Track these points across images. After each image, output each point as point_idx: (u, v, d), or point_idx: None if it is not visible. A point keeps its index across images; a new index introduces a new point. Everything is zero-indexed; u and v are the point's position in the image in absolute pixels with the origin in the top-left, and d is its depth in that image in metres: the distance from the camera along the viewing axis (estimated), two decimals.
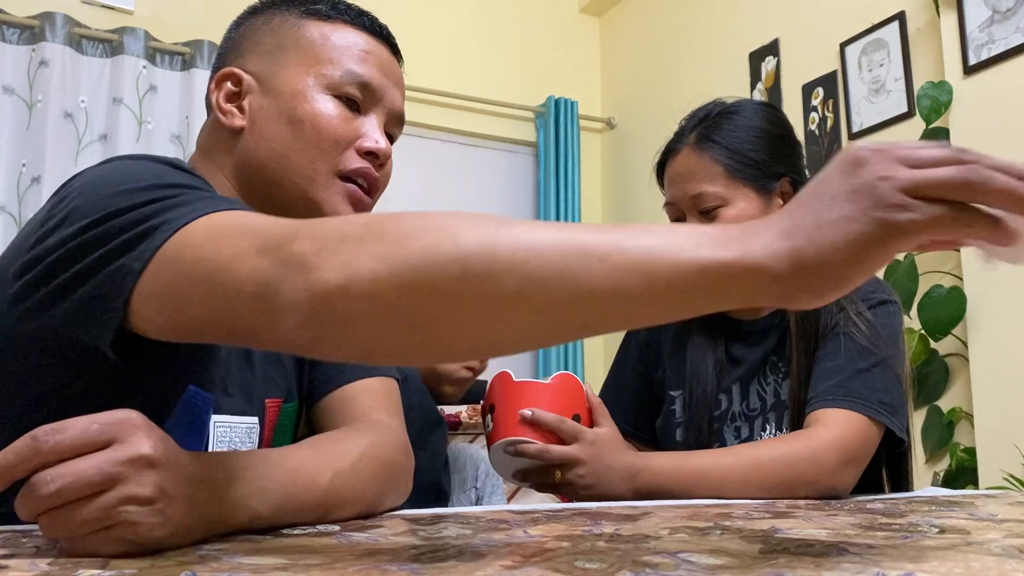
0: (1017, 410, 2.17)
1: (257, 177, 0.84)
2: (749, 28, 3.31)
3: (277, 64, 0.86)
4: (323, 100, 0.84)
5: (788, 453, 1.01)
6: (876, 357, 1.09)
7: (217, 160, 0.86)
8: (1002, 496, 0.99)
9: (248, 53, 0.88)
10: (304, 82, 0.84)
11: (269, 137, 0.83)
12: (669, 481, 1.02)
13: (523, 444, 1.03)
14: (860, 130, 2.81)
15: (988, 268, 2.26)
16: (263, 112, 0.84)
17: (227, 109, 0.86)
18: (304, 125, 0.83)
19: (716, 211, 1.16)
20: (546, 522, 0.69)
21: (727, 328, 1.24)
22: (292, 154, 0.83)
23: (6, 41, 2.99)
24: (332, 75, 0.85)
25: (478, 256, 0.48)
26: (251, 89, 0.86)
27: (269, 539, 0.58)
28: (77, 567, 0.46)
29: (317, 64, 0.85)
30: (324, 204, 0.84)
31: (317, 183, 0.84)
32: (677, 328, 1.29)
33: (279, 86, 0.84)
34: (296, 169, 0.83)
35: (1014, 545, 0.54)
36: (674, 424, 1.24)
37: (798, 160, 1.24)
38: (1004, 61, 2.31)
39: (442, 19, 3.87)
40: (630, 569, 0.46)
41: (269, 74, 0.85)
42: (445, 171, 3.77)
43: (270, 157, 0.83)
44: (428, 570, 0.46)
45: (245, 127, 0.85)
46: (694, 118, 1.23)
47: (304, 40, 0.86)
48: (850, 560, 0.49)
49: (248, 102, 0.85)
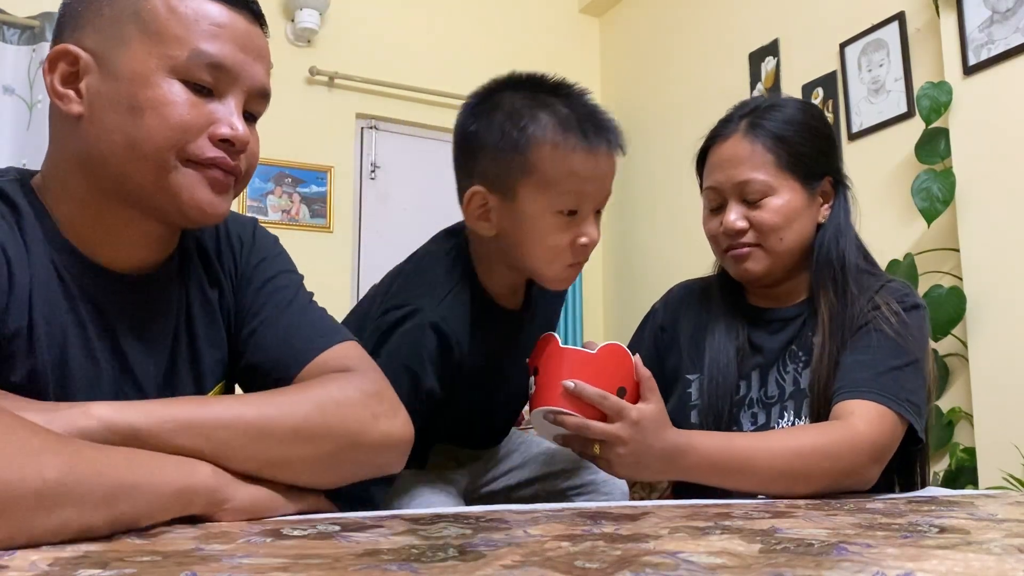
0: (1017, 410, 2.17)
1: (101, 168, 0.77)
2: (749, 28, 3.31)
3: (116, 40, 0.75)
4: (168, 85, 0.75)
5: (828, 443, 1.01)
6: (908, 357, 1.10)
7: (62, 151, 0.78)
8: (1002, 496, 0.99)
9: (86, 27, 0.76)
10: (146, 64, 0.75)
11: (109, 127, 0.75)
12: (713, 464, 1.00)
13: (563, 416, 0.99)
14: (860, 130, 2.81)
15: (986, 269, 2.26)
16: (101, 98, 0.75)
17: (62, 93, 0.76)
18: (146, 114, 0.74)
19: (761, 200, 1.16)
20: (546, 522, 0.69)
21: (749, 315, 1.25)
22: (135, 145, 0.75)
23: (6, 41, 2.99)
24: (178, 56, 0.75)
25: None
26: (89, 70, 0.75)
27: (269, 539, 0.58)
28: (77, 567, 0.46)
29: (161, 43, 0.75)
30: (182, 192, 0.77)
31: (167, 174, 0.76)
32: (698, 315, 1.29)
33: (118, 68, 0.75)
34: (141, 161, 0.75)
35: (1014, 545, 0.54)
36: (688, 407, 1.24)
37: (839, 161, 1.25)
38: (1004, 61, 2.31)
39: (442, 19, 3.87)
40: (630, 569, 0.46)
41: (108, 53, 0.75)
42: (445, 171, 3.76)
43: (112, 149, 0.75)
44: (428, 570, 0.46)
45: (83, 114, 0.75)
46: (743, 108, 1.23)
47: (146, 13, 0.76)
48: (850, 560, 0.49)
49: (85, 85, 0.75)
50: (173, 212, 0.79)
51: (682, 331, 1.30)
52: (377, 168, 3.72)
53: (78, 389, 0.76)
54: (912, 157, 2.53)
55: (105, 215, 0.80)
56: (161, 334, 0.84)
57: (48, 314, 0.75)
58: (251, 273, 0.92)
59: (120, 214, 0.80)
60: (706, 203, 1.24)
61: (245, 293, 0.91)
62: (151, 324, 0.83)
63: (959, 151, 2.40)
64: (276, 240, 0.98)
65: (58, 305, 0.76)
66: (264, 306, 0.90)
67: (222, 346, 0.90)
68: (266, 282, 0.92)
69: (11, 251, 0.73)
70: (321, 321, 0.90)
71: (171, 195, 0.77)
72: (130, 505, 0.59)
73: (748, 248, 1.18)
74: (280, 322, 0.89)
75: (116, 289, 0.81)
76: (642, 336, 1.37)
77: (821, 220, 1.21)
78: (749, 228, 1.17)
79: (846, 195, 1.22)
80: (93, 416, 0.65)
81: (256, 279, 0.92)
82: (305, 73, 3.55)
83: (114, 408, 0.66)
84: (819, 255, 1.19)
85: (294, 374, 0.84)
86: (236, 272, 0.91)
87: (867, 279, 1.19)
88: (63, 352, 0.76)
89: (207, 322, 0.88)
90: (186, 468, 0.66)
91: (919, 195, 2.41)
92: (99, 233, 0.80)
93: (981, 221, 2.33)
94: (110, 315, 0.80)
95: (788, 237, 1.16)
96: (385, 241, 3.69)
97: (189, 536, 0.60)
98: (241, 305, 0.91)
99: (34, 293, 0.74)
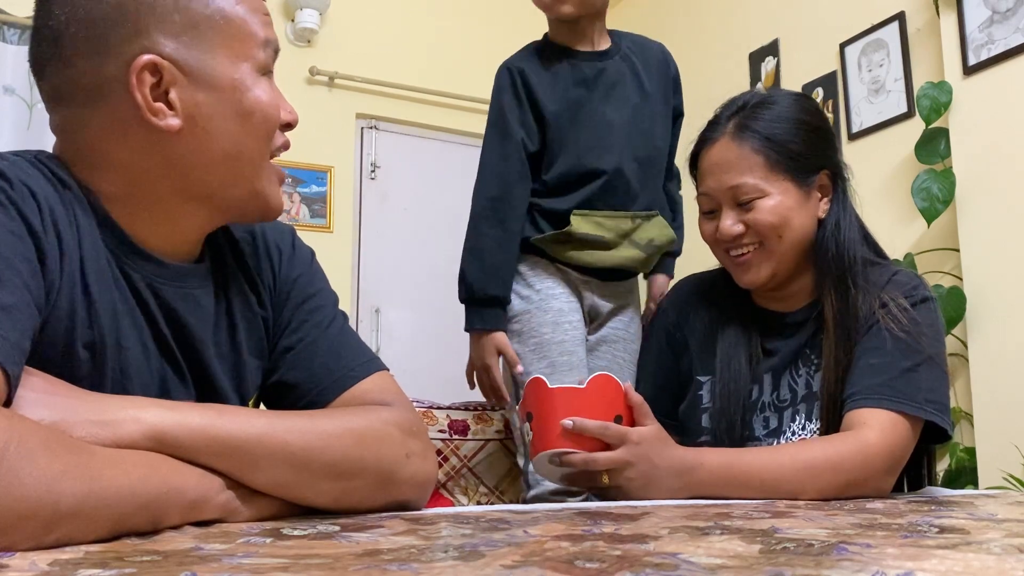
0: (1017, 410, 2.17)
1: (202, 177, 0.76)
2: (749, 28, 3.31)
3: (200, 49, 0.74)
4: (261, 85, 0.77)
5: (840, 457, 1.00)
6: (921, 355, 1.08)
7: (140, 163, 0.75)
8: (1002, 496, 0.99)
9: (153, 31, 0.72)
10: (240, 70, 0.76)
11: (216, 136, 0.75)
12: (723, 478, 1.00)
13: (567, 456, 1.00)
14: (860, 130, 2.81)
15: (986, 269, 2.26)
16: (204, 109, 0.74)
17: (157, 108, 0.73)
18: (255, 117, 0.76)
19: (754, 202, 1.15)
20: (546, 522, 0.69)
21: (761, 319, 1.24)
22: (245, 149, 0.77)
23: (6, 41, 2.99)
24: (258, 54, 0.77)
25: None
26: (175, 80, 0.73)
27: (269, 539, 0.58)
28: (77, 567, 0.46)
29: (242, 45, 0.76)
30: (271, 198, 0.80)
31: (261, 173, 0.79)
32: (709, 316, 1.28)
33: (214, 76, 0.75)
34: (247, 163, 0.77)
35: (1014, 545, 0.54)
36: (700, 410, 1.23)
37: (836, 153, 1.23)
38: (1004, 61, 2.31)
39: (443, 19, 3.87)
40: (630, 569, 0.46)
41: (193, 61, 0.74)
42: (445, 171, 3.77)
43: (223, 157, 0.76)
44: (428, 570, 0.46)
45: (183, 127, 0.74)
46: (730, 107, 1.21)
47: (220, 16, 0.75)
48: (850, 560, 0.49)
49: (177, 96, 0.73)
50: (256, 210, 0.81)
51: (692, 331, 1.29)
52: (377, 168, 3.72)
53: (134, 372, 0.75)
54: (912, 157, 2.53)
55: (173, 213, 0.78)
56: (203, 328, 0.82)
57: (100, 291, 0.72)
58: (290, 287, 0.90)
59: (190, 212, 0.79)
60: (700, 208, 1.23)
61: (284, 307, 0.89)
62: (194, 317, 0.80)
63: (959, 151, 2.40)
64: (313, 253, 0.96)
65: (108, 284, 0.73)
66: (304, 324, 0.89)
67: (262, 355, 0.88)
68: (306, 299, 0.90)
69: (61, 224, 0.70)
70: (359, 348, 0.91)
71: (263, 197, 0.80)
72: (140, 520, 0.60)
73: (749, 251, 1.17)
74: (320, 344, 0.88)
75: (164, 275, 0.78)
76: (653, 337, 1.36)
77: (821, 215, 1.19)
78: (746, 231, 1.16)
79: (845, 188, 1.21)
80: (144, 424, 0.64)
81: (296, 294, 0.90)
82: (305, 73, 3.55)
83: (165, 418, 0.66)
84: (820, 252, 1.17)
85: (330, 399, 0.85)
86: (275, 283, 0.89)
87: (874, 272, 1.17)
88: (118, 332, 0.74)
89: (248, 328, 0.86)
90: (203, 483, 0.66)
91: (919, 195, 2.41)
92: (151, 224, 0.77)
93: (981, 221, 2.33)
94: (157, 301, 0.77)
95: (787, 235, 1.15)
96: (385, 241, 3.69)
97: (189, 536, 0.60)
98: (279, 318, 0.89)
99: (86, 267, 0.71)
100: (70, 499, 0.55)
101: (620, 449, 0.99)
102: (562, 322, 1.53)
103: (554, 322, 1.52)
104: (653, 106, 1.60)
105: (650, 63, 1.68)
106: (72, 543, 0.55)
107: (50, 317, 0.68)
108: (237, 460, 0.68)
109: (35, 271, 0.66)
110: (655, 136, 1.59)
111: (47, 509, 0.53)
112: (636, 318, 1.63)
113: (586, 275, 1.55)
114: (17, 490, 0.52)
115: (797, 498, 0.98)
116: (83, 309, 0.70)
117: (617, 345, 1.59)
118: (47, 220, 0.68)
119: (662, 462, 1.00)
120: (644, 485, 0.99)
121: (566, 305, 1.53)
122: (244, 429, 0.69)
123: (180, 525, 0.64)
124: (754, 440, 1.18)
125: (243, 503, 0.69)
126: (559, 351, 1.52)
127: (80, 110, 0.74)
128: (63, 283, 0.69)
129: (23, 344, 0.62)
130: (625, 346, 1.58)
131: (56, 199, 0.70)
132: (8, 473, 0.52)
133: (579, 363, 1.46)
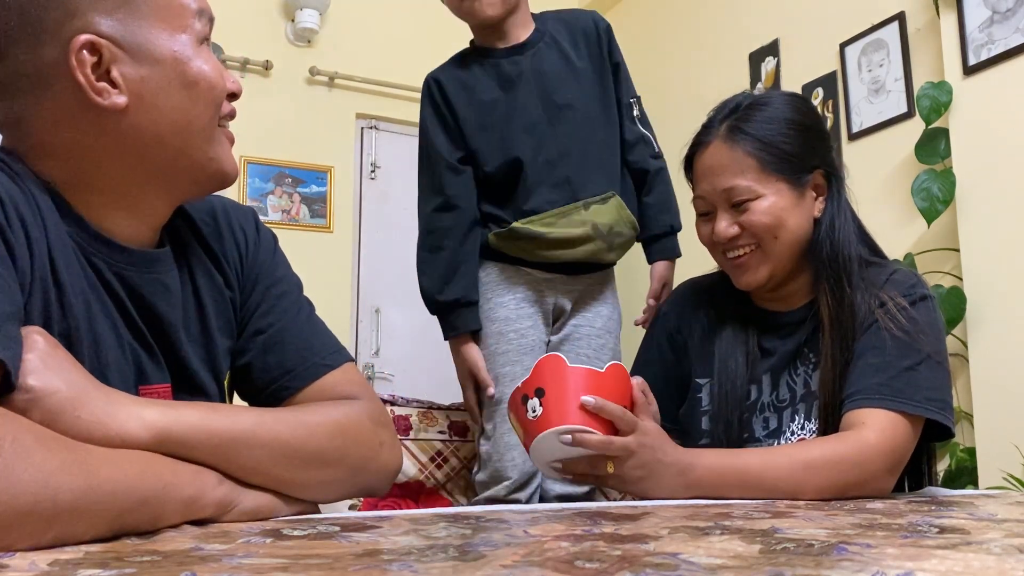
0: (1017, 410, 2.17)
1: (156, 151, 0.77)
2: (749, 28, 3.31)
3: (136, 25, 0.74)
4: (202, 55, 0.78)
5: (838, 457, 1.00)
6: (920, 354, 1.08)
7: (93, 144, 0.75)
8: (1002, 496, 0.99)
9: (87, 11, 0.73)
10: (179, 41, 0.76)
11: (164, 109, 0.76)
12: (722, 477, 1.00)
13: (581, 436, 0.97)
14: (860, 130, 2.81)
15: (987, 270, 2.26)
16: (149, 84, 0.75)
17: (100, 87, 0.73)
18: (200, 86, 0.77)
19: (748, 204, 1.15)
20: (546, 522, 0.69)
21: (759, 319, 1.24)
22: (194, 119, 0.78)
23: None
24: (195, 27, 0.78)
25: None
26: (115, 58, 0.73)
27: (269, 539, 0.58)
28: (77, 567, 0.46)
29: (178, 17, 0.77)
30: (224, 162, 0.82)
31: (213, 139, 0.80)
32: (707, 318, 1.28)
33: (153, 51, 0.75)
34: (198, 132, 0.78)
35: (1014, 545, 0.54)
36: (700, 412, 1.23)
37: (830, 152, 1.22)
38: (1004, 61, 2.31)
39: (443, 20, 3.87)
40: (630, 569, 0.46)
41: (131, 37, 0.74)
42: None
43: (171, 130, 0.77)
44: (428, 570, 0.46)
45: (130, 104, 0.74)
46: (723, 109, 1.21)
47: None
48: (850, 560, 0.49)
49: (120, 74, 0.73)
50: (212, 178, 0.81)
51: (691, 335, 1.29)
52: (377, 168, 3.72)
53: (111, 360, 0.75)
54: (912, 157, 2.53)
55: (131, 196, 0.78)
56: (173, 313, 0.82)
57: (71, 282, 0.72)
58: (259, 270, 0.91)
59: (149, 194, 0.79)
60: (696, 211, 1.23)
61: (253, 290, 0.90)
62: (163, 302, 0.81)
63: (959, 151, 2.40)
64: (275, 236, 0.98)
65: (77, 274, 0.74)
66: (274, 308, 0.90)
67: (232, 336, 0.89)
68: (274, 283, 0.92)
69: (27, 218, 0.70)
70: (328, 337, 0.93)
71: (217, 161, 0.81)
72: (138, 517, 0.61)
73: (746, 252, 1.17)
74: (291, 330, 0.90)
75: (129, 261, 0.78)
76: (653, 340, 1.35)
77: (817, 214, 1.19)
78: (741, 232, 1.16)
79: (840, 187, 1.21)
80: (146, 421, 0.65)
81: (264, 277, 0.91)
82: (305, 73, 3.55)
83: (166, 416, 0.67)
84: (815, 252, 1.17)
85: (301, 386, 0.87)
86: (242, 265, 0.91)
87: (872, 272, 1.17)
88: (91, 321, 0.74)
89: (216, 309, 0.87)
90: (199, 479, 0.67)
91: (919, 195, 2.41)
92: (111, 209, 0.78)
93: (981, 221, 2.33)
94: (125, 288, 0.78)
95: (783, 235, 1.15)
96: (385, 241, 3.69)
97: (188, 536, 0.60)
98: (248, 301, 0.90)
99: (55, 260, 0.71)
100: (67, 494, 0.55)
101: (631, 436, 0.98)
102: (507, 331, 1.54)
103: (499, 332, 1.54)
104: (586, 86, 1.59)
105: (577, 36, 1.66)
106: (71, 541, 0.55)
107: (25, 312, 0.68)
108: (233, 453, 0.70)
109: (8, 267, 0.66)
110: (591, 119, 1.58)
111: (45, 504, 0.53)
112: (608, 310, 1.63)
113: (551, 272, 1.55)
114: (15, 486, 0.52)
115: (796, 498, 0.98)
116: (56, 301, 0.71)
117: (580, 342, 1.58)
118: (12, 215, 0.68)
119: (665, 457, 1.00)
120: (644, 477, 0.99)
121: (514, 312, 1.54)
122: (236, 423, 0.71)
123: (179, 524, 0.64)
124: (754, 441, 1.18)
125: (238, 499, 0.71)
126: (501, 362, 1.54)
127: (24, 100, 0.74)
128: (34, 277, 0.69)
129: (16, 315, 0.64)
130: (589, 342, 1.58)
131: (17, 192, 0.70)
132: (4, 469, 0.52)
133: (524, 372, 1.46)
